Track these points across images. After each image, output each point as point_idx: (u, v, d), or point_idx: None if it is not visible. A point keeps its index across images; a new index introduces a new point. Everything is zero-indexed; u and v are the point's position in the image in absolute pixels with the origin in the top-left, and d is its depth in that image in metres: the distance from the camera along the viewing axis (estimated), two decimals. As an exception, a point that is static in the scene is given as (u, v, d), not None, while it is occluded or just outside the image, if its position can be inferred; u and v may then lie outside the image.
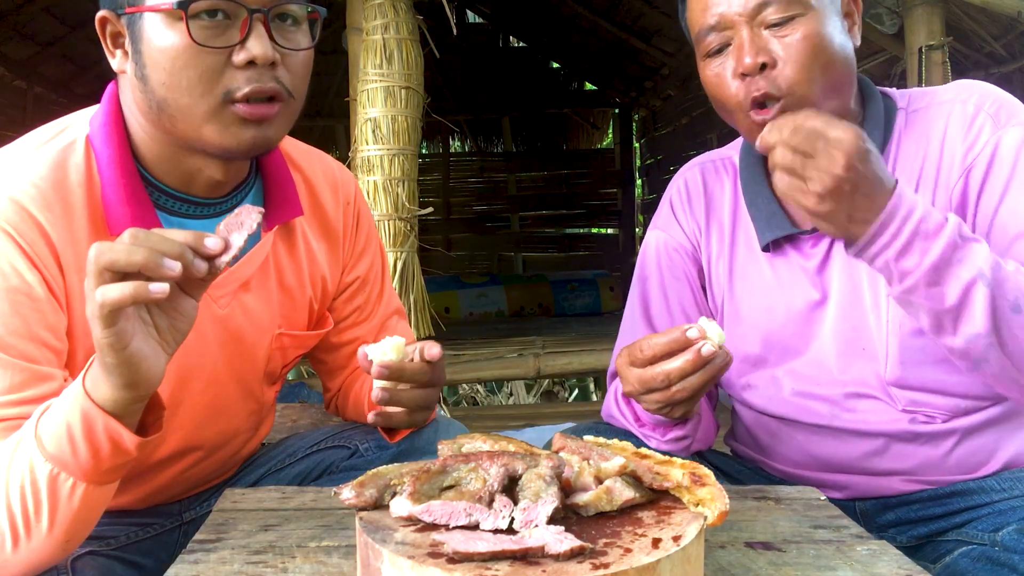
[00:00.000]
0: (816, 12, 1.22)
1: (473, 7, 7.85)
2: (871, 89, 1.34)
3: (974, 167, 1.24)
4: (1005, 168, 1.22)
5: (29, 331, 1.06)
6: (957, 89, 1.32)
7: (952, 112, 1.28)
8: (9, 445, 1.00)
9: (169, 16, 1.09)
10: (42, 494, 0.97)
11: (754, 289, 1.40)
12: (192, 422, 1.29)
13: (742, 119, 1.27)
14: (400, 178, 2.92)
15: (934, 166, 1.28)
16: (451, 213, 8.51)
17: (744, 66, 1.22)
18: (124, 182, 1.15)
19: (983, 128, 1.25)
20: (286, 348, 1.38)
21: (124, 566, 1.29)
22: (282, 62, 1.13)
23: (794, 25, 1.22)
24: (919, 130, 1.31)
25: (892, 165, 1.31)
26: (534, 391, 5.51)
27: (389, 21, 2.88)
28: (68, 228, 1.12)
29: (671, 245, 1.48)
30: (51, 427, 0.97)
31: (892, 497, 1.34)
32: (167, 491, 1.36)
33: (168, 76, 1.10)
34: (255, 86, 1.10)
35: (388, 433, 1.41)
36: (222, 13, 1.09)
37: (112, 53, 1.17)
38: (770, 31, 1.22)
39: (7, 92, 5.21)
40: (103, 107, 1.20)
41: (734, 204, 1.44)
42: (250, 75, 1.10)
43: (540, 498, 0.87)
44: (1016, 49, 3.39)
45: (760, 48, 1.22)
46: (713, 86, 1.29)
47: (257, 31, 1.10)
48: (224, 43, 1.09)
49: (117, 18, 1.14)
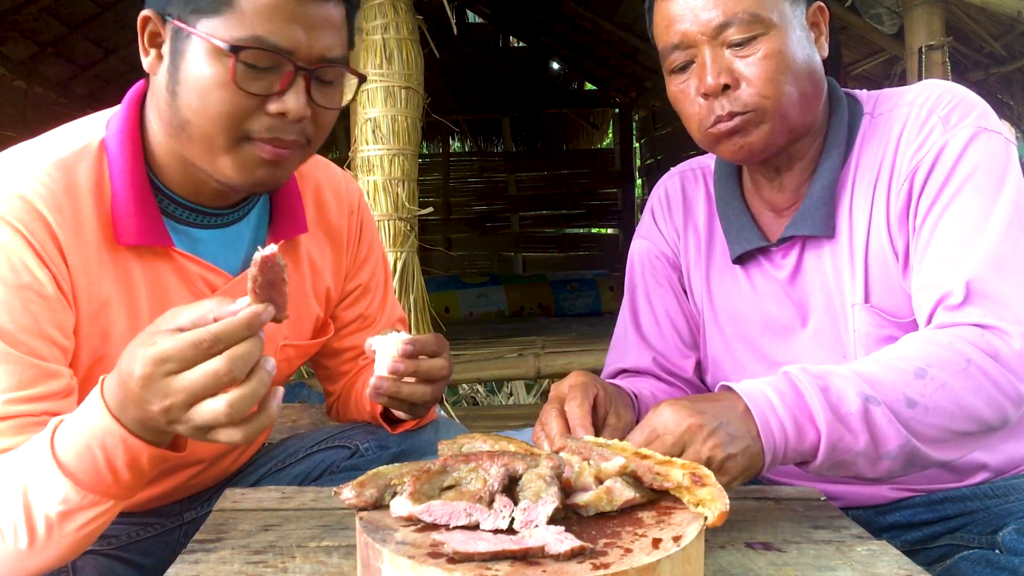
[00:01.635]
0: (778, 30, 1.21)
1: (473, 7, 7.85)
2: (838, 95, 1.33)
3: (918, 170, 1.22)
4: (944, 171, 1.20)
5: (39, 328, 1.07)
6: (918, 90, 1.29)
7: (909, 115, 1.27)
8: (21, 452, 0.98)
9: (217, 51, 1.08)
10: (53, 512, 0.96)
11: (731, 298, 1.40)
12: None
13: (702, 136, 1.27)
14: (400, 178, 2.92)
15: (888, 172, 1.26)
16: (451, 213, 8.52)
17: (707, 87, 1.22)
18: (135, 193, 1.15)
19: (933, 130, 1.23)
20: (291, 359, 1.39)
21: (124, 565, 1.30)
22: (312, 115, 1.13)
23: (756, 44, 1.21)
24: (879, 134, 1.29)
25: (853, 172, 1.29)
26: (534, 391, 5.51)
27: (389, 21, 2.88)
28: (76, 231, 1.12)
29: (653, 253, 1.49)
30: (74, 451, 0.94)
31: (884, 505, 1.34)
32: (171, 496, 1.37)
33: (199, 102, 1.10)
34: (276, 135, 1.11)
35: (390, 425, 1.41)
36: (271, 64, 1.09)
37: (146, 51, 1.15)
38: (732, 51, 1.22)
39: (7, 92, 5.20)
40: (122, 111, 1.19)
41: (710, 213, 1.44)
42: (276, 124, 1.11)
43: (540, 498, 0.87)
44: (1016, 49, 3.39)
45: (722, 69, 1.21)
46: (678, 102, 1.29)
47: (297, 87, 1.10)
48: (263, 90, 1.09)
49: (162, 22, 1.13)
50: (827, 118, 1.32)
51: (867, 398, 1.05)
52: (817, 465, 1.06)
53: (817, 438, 1.04)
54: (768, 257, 1.36)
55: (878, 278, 1.27)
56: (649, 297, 1.48)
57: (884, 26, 3.33)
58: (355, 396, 1.50)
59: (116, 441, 0.93)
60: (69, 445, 0.95)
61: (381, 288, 1.50)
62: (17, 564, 0.99)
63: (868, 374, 1.07)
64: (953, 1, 3.09)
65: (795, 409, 1.04)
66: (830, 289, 1.30)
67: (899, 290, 1.26)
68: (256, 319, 0.89)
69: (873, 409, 1.04)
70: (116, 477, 0.96)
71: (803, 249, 1.32)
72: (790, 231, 1.31)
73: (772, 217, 1.37)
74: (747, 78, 1.21)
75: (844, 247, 1.29)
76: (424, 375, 1.19)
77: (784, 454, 1.04)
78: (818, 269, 1.32)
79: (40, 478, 0.95)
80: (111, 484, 0.96)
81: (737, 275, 1.39)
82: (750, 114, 1.22)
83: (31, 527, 0.96)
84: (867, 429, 1.04)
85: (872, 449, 1.05)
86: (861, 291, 1.27)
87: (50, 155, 1.14)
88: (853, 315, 1.27)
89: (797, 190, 1.33)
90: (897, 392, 1.06)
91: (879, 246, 1.26)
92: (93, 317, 1.14)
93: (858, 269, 1.27)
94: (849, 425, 1.04)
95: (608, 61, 7.42)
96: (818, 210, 1.29)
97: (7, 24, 4.81)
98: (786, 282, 1.34)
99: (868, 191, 1.28)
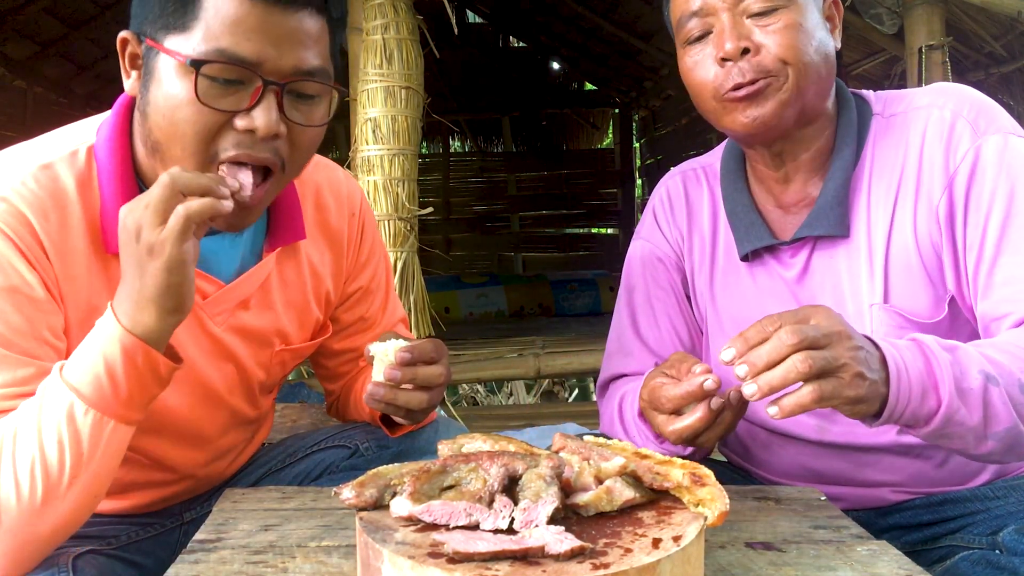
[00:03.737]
0: (799, 5, 1.22)
1: (473, 7, 7.86)
2: (845, 93, 1.33)
3: (956, 176, 1.22)
4: (991, 179, 1.20)
5: (32, 329, 1.07)
6: (934, 94, 1.29)
7: (930, 118, 1.26)
8: (32, 409, 1.01)
9: (181, 66, 1.06)
10: (84, 443, 1.00)
11: (735, 299, 1.38)
12: (190, 435, 1.29)
13: (715, 105, 1.26)
14: (400, 178, 2.92)
15: (914, 176, 1.26)
16: (451, 213, 8.52)
17: (726, 51, 1.21)
18: (123, 200, 1.13)
19: (963, 136, 1.23)
20: (286, 362, 1.39)
21: (125, 565, 1.29)
22: (287, 134, 1.10)
23: (777, 15, 1.21)
24: (896, 136, 1.29)
25: (868, 173, 1.29)
26: (534, 391, 5.51)
27: (389, 21, 2.88)
28: (63, 237, 1.11)
29: (655, 255, 1.47)
30: (85, 371, 1.01)
31: (884, 507, 1.33)
32: (171, 500, 1.37)
33: (166, 123, 1.08)
34: (245, 151, 1.07)
35: (389, 428, 1.41)
36: (236, 77, 1.06)
37: (127, 73, 1.14)
38: (752, 20, 1.22)
39: (7, 92, 5.20)
40: (112, 118, 1.19)
41: (714, 213, 1.43)
42: (243, 140, 1.07)
43: (540, 498, 0.87)
44: (1016, 49, 3.39)
45: (742, 34, 1.21)
46: (691, 73, 1.28)
47: (267, 103, 1.06)
48: (230, 106, 1.06)
49: (138, 43, 1.12)
50: (835, 114, 1.32)
51: (988, 376, 1.07)
52: (928, 431, 1.07)
53: (937, 406, 1.05)
54: (776, 256, 1.35)
55: (899, 279, 1.26)
56: (649, 300, 1.46)
57: (884, 26, 3.33)
58: (354, 397, 1.50)
59: (115, 344, 1.00)
60: (74, 360, 1.02)
61: (382, 290, 1.49)
62: (31, 520, 1.00)
63: (989, 355, 1.09)
64: (953, 1, 3.09)
65: (924, 374, 1.05)
66: (842, 289, 1.30)
67: (921, 292, 1.26)
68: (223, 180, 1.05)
69: (992, 388, 1.06)
70: (115, 387, 1.01)
71: (814, 248, 1.32)
72: (804, 231, 1.30)
73: (780, 215, 1.36)
74: (766, 45, 1.21)
75: (861, 247, 1.28)
76: (422, 382, 1.18)
77: (902, 413, 1.05)
78: (829, 269, 1.31)
79: (48, 400, 1.01)
80: (110, 397, 1.01)
81: (742, 275, 1.38)
82: (770, 79, 1.21)
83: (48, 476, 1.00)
84: (983, 407, 1.06)
85: (982, 427, 1.07)
86: (880, 292, 1.26)
87: (37, 160, 1.13)
88: (871, 316, 1.27)
89: (805, 186, 1.33)
90: (1013, 376, 1.08)
91: (902, 247, 1.26)
92: (82, 322, 1.13)
93: (877, 270, 1.27)
94: (967, 400, 1.05)
95: (608, 61, 7.42)
96: (833, 210, 1.28)
97: (7, 24, 4.81)
98: (794, 281, 1.33)
99: (888, 192, 1.27)
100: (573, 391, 5.72)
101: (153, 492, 1.33)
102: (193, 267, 1.01)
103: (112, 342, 1.01)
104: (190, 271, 1.00)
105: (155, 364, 1.03)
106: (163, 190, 0.99)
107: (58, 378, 1.01)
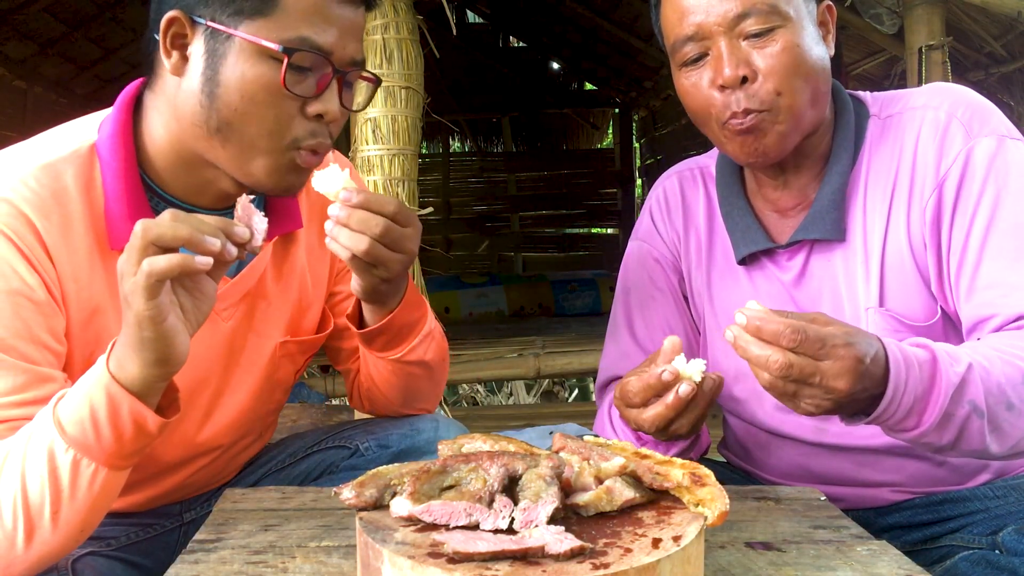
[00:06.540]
0: (794, 23, 1.20)
1: (473, 7, 7.85)
2: (843, 96, 1.33)
3: (947, 178, 1.22)
4: (979, 181, 1.20)
5: (30, 333, 1.06)
6: (929, 94, 1.29)
7: (924, 119, 1.26)
8: (21, 439, 1.00)
9: (263, 52, 1.09)
10: (63, 481, 0.98)
11: (732, 301, 1.38)
12: (198, 432, 1.29)
13: (718, 130, 1.26)
14: (400, 178, 2.92)
15: (908, 177, 1.26)
16: (451, 213, 8.52)
17: (724, 78, 1.20)
18: (128, 196, 1.14)
19: (956, 138, 1.22)
20: (293, 355, 1.38)
21: (124, 566, 1.30)
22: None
23: (773, 36, 1.20)
24: (891, 138, 1.28)
25: (864, 176, 1.29)
26: (534, 391, 5.51)
27: (389, 21, 2.88)
28: (65, 237, 1.11)
29: (652, 256, 1.47)
30: (72, 412, 0.98)
31: (884, 507, 1.33)
32: (171, 496, 1.37)
33: (243, 105, 1.10)
34: (321, 140, 1.15)
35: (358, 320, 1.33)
36: (310, 65, 1.12)
37: (168, 53, 1.13)
38: (749, 42, 1.20)
39: (7, 92, 5.20)
40: (114, 115, 1.18)
41: (710, 214, 1.43)
42: (316, 128, 1.14)
43: (540, 498, 0.87)
44: (1016, 49, 3.39)
45: (740, 60, 1.20)
46: (689, 96, 1.27)
47: (333, 89, 1.13)
48: (304, 92, 1.11)
49: (191, 24, 1.11)
50: (833, 118, 1.31)
51: (974, 408, 1.06)
52: (897, 437, 1.08)
53: (914, 427, 1.05)
54: (773, 259, 1.35)
55: (895, 282, 1.26)
56: (646, 302, 1.46)
57: (884, 26, 3.32)
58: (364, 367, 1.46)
59: (101, 389, 0.97)
60: (68, 396, 1.00)
61: None
62: (24, 555, 0.99)
63: (987, 368, 1.07)
64: (953, 1, 3.09)
65: (918, 398, 1.04)
66: (839, 292, 1.29)
67: (916, 294, 1.25)
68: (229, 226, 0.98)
69: (974, 420, 1.06)
70: (97, 433, 0.98)
71: (810, 252, 1.31)
72: (800, 234, 1.30)
73: (777, 218, 1.36)
74: (764, 71, 1.20)
75: (857, 251, 1.28)
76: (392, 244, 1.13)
77: (884, 421, 1.05)
78: (826, 272, 1.31)
79: (37, 432, 0.99)
80: (92, 442, 0.98)
81: (739, 277, 1.38)
82: (764, 113, 1.20)
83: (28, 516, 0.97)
84: (957, 433, 1.06)
85: (950, 447, 1.08)
86: (876, 295, 1.26)
87: (37, 159, 1.13)
88: (867, 319, 1.26)
89: (803, 190, 1.33)
90: (1003, 394, 1.07)
91: (897, 250, 1.26)
92: (85, 322, 1.13)
93: (873, 273, 1.27)
94: (946, 426, 1.05)
95: (608, 61, 7.42)
96: (829, 213, 1.28)
97: (7, 24, 4.81)
98: (791, 284, 1.33)
99: (884, 195, 1.27)
100: (573, 391, 5.73)
101: (152, 489, 1.32)
102: (173, 323, 0.96)
103: (99, 387, 0.98)
104: (166, 328, 0.95)
105: (140, 418, 0.99)
106: (132, 239, 0.95)
107: (50, 411, 0.99)
